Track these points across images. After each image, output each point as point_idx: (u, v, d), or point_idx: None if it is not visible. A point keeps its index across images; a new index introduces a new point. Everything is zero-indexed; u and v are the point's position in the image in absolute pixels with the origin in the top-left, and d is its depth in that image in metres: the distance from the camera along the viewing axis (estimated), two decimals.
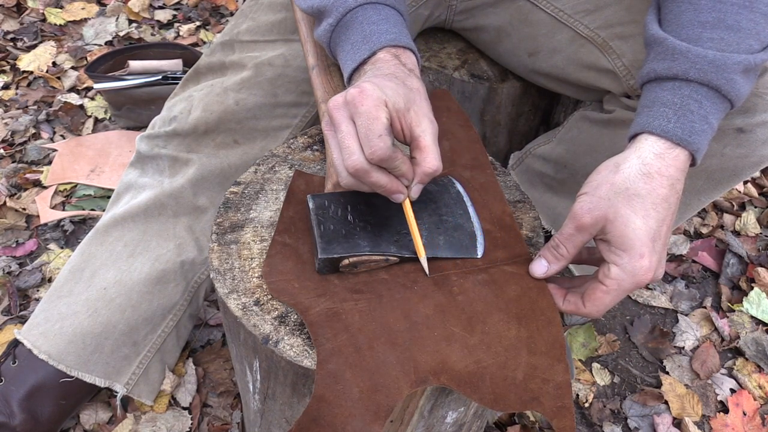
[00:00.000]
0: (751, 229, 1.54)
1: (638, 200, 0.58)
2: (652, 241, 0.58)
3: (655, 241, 0.58)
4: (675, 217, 0.61)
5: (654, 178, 0.59)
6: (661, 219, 0.59)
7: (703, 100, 0.60)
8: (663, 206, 0.59)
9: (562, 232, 0.62)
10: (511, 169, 1.14)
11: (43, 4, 2.12)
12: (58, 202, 1.51)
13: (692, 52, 0.61)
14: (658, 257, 0.59)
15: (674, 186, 0.59)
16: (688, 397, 1.20)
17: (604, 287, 0.60)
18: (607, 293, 0.59)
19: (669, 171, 0.59)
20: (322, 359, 0.57)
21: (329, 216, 0.65)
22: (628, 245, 0.58)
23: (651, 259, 0.58)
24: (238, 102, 0.95)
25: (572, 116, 1.00)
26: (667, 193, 0.59)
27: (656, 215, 0.58)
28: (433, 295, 0.63)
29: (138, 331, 1.01)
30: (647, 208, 0.58)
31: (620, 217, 0.58)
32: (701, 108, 0.60)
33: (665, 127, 0.60)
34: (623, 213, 0.58)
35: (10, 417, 0.98)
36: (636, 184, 0.59)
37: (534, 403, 0.58)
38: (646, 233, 0.58)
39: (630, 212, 0.58)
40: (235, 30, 1.00)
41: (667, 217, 0.59)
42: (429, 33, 1.13)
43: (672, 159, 0.59)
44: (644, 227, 0.58)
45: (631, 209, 0.58)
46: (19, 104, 1.78)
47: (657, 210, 0.58)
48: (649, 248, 0.58)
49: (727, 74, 0.60)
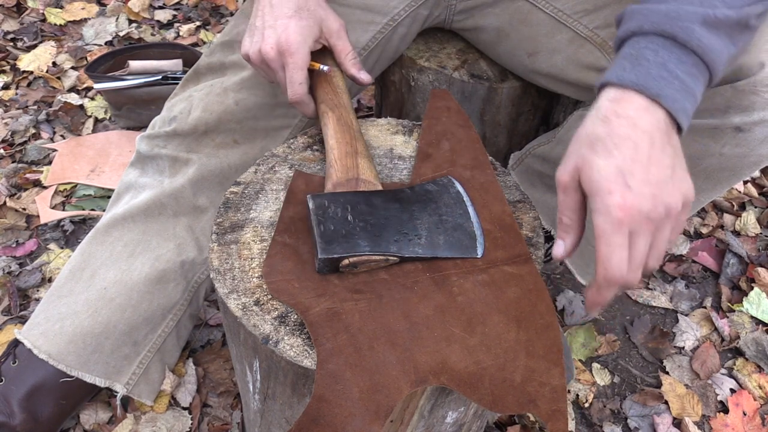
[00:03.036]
0: (751, 229, 1.54)
1: (599, 143, 0.59)
2: (621, 177, 0.58)
3: (626, 176, 0.58)
4: (662, 158, 0.60)
5: (611, 120, 0.59)
6: (629, 157, 0.58)
7: (660, 50, 0.61)
8: (627, 145, 0.58)
9: (557, 202, 0.63)
10: (510, 169, 1.14)
11: (43, 4, 2.13)
12: (58, 202, 1.51)
13: (647, 8, 0.62)
14: (635, 193, 0.57)
15: (636, 125, 0.59)
16: (688, 397, 1.20)
17: (597, 241, 0.59)
18: (600, 245, 0.59)
19: (626, 112, 0.59)
20: (322, 359, 0.57)
21: (329, 216, 0.65)
22: (596, 186, 0.58)
23: (624, 195, 0.57)
24: (238, 102, 0.95)
25: (572, 116, 1.00)
26: (628, 132, 0.58)
27: (620, 154, 0.58)
28: (433, 296, 0.63)
29: (138, 331, 1.01)
30: (609, 148, 0.59)
31: (586, 163, 0.59)
32: (657, 56, 0.60)
33: (620, 75, 0.60)
34: (588, 158, 0.59)
35: (10, 417, 0.98)
36: (596, 129, 0.60)
37: (531, 405, 0.58)
38: (610, 171, 0.58)
39: (593, 156, 0.59)
40: (235, 30, 1.00)
41: (637, 155, 0.58)
42: (429, 33, 1.13)
43: (627, 102, 0.60)
44: (607, 165, 0.58)
45: (594, 153, 0.59)
46: (19, 104, 1.78)
47: (620, 149, 0.58)
48: (618, 184, 0.57)
49: (682, 23, 0.60)
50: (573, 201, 0.62)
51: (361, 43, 0.97)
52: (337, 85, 0.81)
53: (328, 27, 0.80)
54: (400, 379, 0.57)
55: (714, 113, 0.76)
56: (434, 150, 0.79)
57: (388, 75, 1.15)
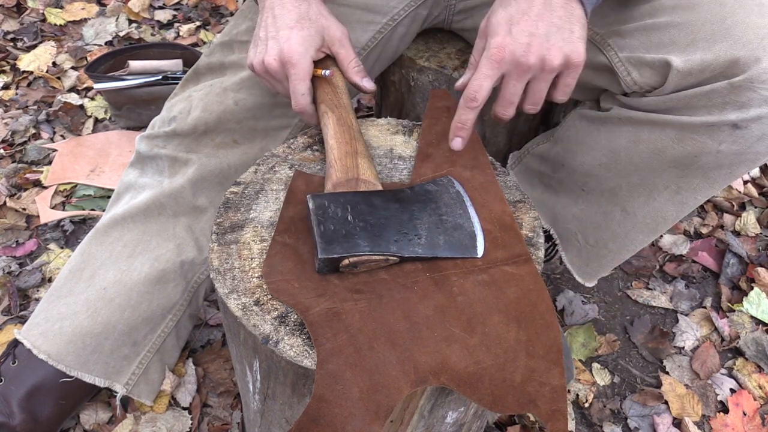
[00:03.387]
0: (751, 229, 1.54)
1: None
2: (508, 24, 0.69)
3: (512, 24, 0.68)
4: (551, 17, 0.69)
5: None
6: (521, 10, 0.69)
7: None
8: (523, 0, 0.69)
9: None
10: (509, 169, 1.14)
11: (43, 4, 2.13)
12: (58, 202, 1.51)
13: None
14: (513, 38, 0.68)
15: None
16: (688, 397, 1.20)
17: (474, 74, 0.72)
18: (474, 75, 0.71)
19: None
20: (322, 359, 0.57)
21: (329, 216, 0.65)
22: (488, 30, 0.71)
23: (504, 38, 0.68)
24: (237, 102, 0.95)
25: (569, 115, 1.00)
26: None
27: (515, 6, 0.69)
28: (433, 296, 0.63)
29: (138, 331, 1.01)
30: (509, 1, 0.70)
31: (491, 11, 0.72)
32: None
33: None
34: (494, 7, 0.72)
35: (10, 417, 0.98)
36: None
37: (530, 405, 0.58)
38: (501, 17, 0.70)
39: (498, 6, 0.71)
40: (234, 30, 1.00)
41: (529, 9, 0.68)
42: (429, 33, 1.13)
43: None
44: (502, 13, 0.70)
45: (500, 4, 0.71)
46: (19, 104, 1.78)
47: (517, 2, 0.69)
48: (503, 28, 0.69)
49: None
50: (481, 44, 0.74)
51: (361, 42, 0.97)
52: (337, 85, 0.81)
53: (331, 36, 0.81)
54: (400, 379, 0.57)
55: (711, 110, 0.76)
56: (434, 150, 0.79)
57: (388, 75, 1.15)
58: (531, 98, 0.74)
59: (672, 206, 0.89)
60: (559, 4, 0.69)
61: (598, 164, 0.92)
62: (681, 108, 0.79)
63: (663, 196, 0.88)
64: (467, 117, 0.75)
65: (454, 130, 0.77)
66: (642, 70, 0.81)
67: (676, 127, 0.80)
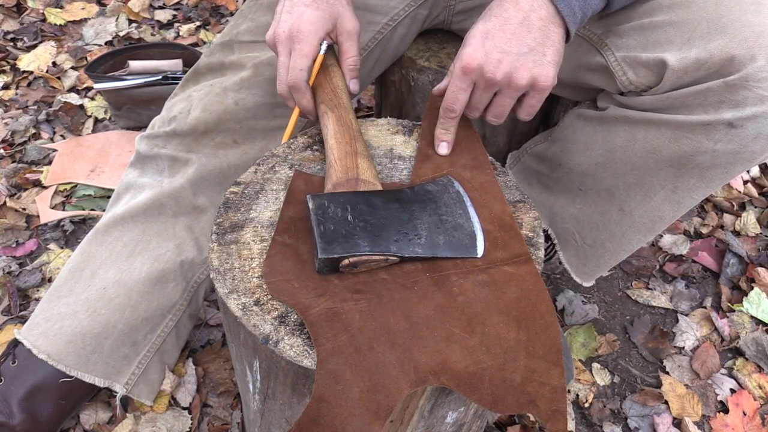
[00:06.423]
0: (751, 229, 1.54)
1: (488, 12, 0.72)
2: (483, 37, 0.70)
3: (486, 39, 0.70)
4: (525, 37, 0.70)
5: (504, 1, 0.71)
6: (497, 26, 0.70)
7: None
8: (502, 16, 0.70)
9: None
10: (508, 168, 1.14)
11: (43, 4, 2.13)
12: (58, 202, 1.51)
13: None
14: (485, 52, 0.69)
15: (518, 4, 0.70)
16: (688, 397, 1.20)
17: (450, 83, 0.73)
18: (449, 85, 0.73)
19: (520, 3, 0.70)
20: (322, 359, 0.57)
21: (329, 216, 0.65)
22: (466, 40, 0.72)
23: (476, 51, 0.70)
24: (237, 102, 0.95)
25: (567, 115, 1.00)
26: (508, 8, 0.70)
27: (493, 21, 0.71)
28: (433, 296, 0.63)
29: (137, 331, 1.01)
30: (490, 16, 0.71)
31: (473, 24, 0.73)
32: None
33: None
34: (477, 20, 0.73)
35: (10, 417, 0.98)
36: (493, 4, 0.73)
37: (530, 405, 0.58)
38: (478, 31, 0.71)
39: (480, 19, 0.72)
40: (234, 30, 1.00)
41: (505, 26, 0.70)
42: (429, 33, 1.13)
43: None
44: (480, 27, 0.71)
45: (482, 17, 0.72)
46: (19, 104, 1.78)
47: (495, 18, 0.71)
48: (477, 41, 0.70)
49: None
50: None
51: (362, 43, 0.97)
52: (336, 85, 0.81)
53: (342, 25, 0.81)
54: (400, 379, 0.57)
55: (706, 109, 0.76)
56: (434, 150, 0.79)
57: (388, 75, 1.15)
58: (493, 110, 0.75)
59: (669, 206, 0.89)
60: (537, 25, 0.70)
61: (594, 163, 0.92)
62: (677, 107, 0.79)
63: (660, 195, 0.88)
64: (448, 125, 0.77)
65: (438, 135, 0.78)
66: (638, 70, 0.82)
67: (672, 127, 0.80)
